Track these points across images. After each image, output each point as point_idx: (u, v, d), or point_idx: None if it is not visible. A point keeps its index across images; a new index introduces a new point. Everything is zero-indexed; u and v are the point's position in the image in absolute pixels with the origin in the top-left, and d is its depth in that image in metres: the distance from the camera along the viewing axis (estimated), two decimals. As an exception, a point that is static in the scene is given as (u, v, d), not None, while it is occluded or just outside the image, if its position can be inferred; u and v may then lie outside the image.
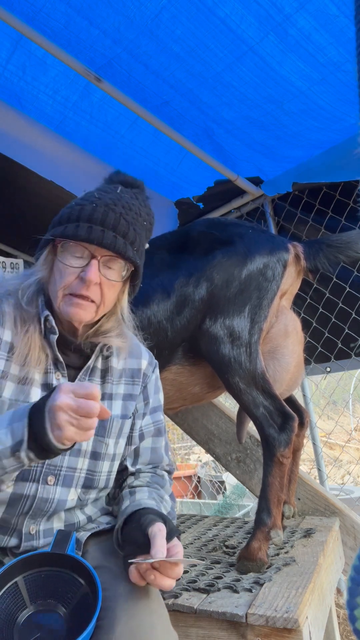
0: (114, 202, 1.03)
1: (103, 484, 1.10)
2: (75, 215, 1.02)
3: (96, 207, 1.01)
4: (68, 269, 1.01)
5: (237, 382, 1.50)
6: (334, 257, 1.62)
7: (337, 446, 5.42)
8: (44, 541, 1.02)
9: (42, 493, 1.00)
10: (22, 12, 1.66)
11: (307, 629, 1.09)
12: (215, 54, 1.66)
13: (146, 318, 1.56)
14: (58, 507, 1.02)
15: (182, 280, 1.59)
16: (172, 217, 2.76)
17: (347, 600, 0.45)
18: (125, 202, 1.05)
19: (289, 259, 1.62)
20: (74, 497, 1.05)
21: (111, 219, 1.00)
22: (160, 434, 1.21)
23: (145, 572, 0.86)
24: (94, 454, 1.08)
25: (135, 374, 1.18)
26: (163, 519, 0.93)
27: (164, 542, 0.86)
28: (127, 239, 1.02)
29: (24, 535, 1.00)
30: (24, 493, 0.99)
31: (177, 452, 6.09)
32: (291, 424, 1.44)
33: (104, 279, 1.02)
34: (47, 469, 1.01)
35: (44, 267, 1.06)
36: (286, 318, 1.63)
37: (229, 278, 1.57)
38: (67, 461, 1.04)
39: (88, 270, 0.99)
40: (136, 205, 1.06)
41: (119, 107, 2.06)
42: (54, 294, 1.03)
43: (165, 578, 0.85)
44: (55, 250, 1.05)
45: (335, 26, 1.50)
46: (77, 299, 1.00)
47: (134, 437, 1.17)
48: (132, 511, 0.98)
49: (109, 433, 1.09)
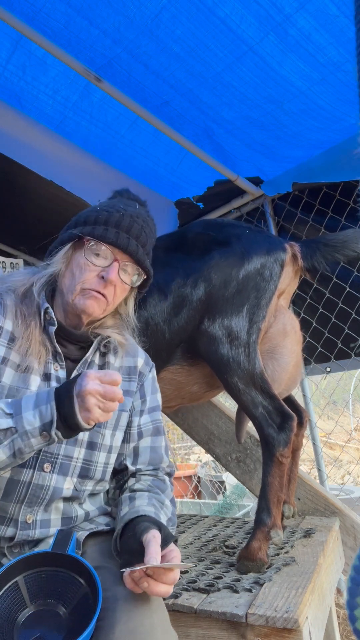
0: (137, 215, 1.13)
1: (99, 475, 1.11)
2: (102, 219, 1.10)
3: (123, 216, 1.11)
4: (90, 266, 1.08)
5: (236, 382, 1.50)
6: (331, 257, 1.63)
7: (337, 446, 5.42)
8: (40, 532, 1.02)
9: (37, 480, 1.02)
10: (22, 12, 1.66)
11: (307, 629, 1.09)
12: (215, 54, 1.66)
13: (144, 319, 1.56)
14: (54, 494, 1.04)
15: (179, 282, 1.60)
16: (172, 217, 2.76)
17: (347, 600, 0.45)
18: (144, 217, 1.15)
19: (286, 259, 1.62)
20: (69, 485, 1.06)
21: (136, 229, 1.11)
22: (159, 433, 1.22)
23: (139, 580, 0.86)
24: (90, 444, 1.10)
25: (132, 371, 1.22)
26: (158, 526, 0.93)
27: (157, 548, 0.86)
28: (145, 249, 1.14)
29: (20, 524, 1.01)
30: (20, 479, 1.01)
31: (177, 452, 6.09)
32: (290, 423, 1.44)
33: (119, 282, 1.10)
34: (44, 456, 1.03)
35: (62, 261, 1.12)
36: (284, 318, 1.63)
37: (226, 278, 1.57)
38: (64, 450, 1.06)
39: (110, 271, 1.08)
40: (150, 222, 1.17)
41: (119, 107, 2.06)
42: (71, 288, 1.09)
43: (159, 584, 0.85)
44: (77, 247, 1.12)
45: (335, 26, 1.50)
46: (94, 292, 1.08)
47: (132, 435, 1.19)
48: (130, 519, 0.98)
49: (105, 424, 1.12)
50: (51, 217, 2.63)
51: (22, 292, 1.12)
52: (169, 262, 1.64)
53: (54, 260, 1.13)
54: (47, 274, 1.12)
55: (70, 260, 1.12)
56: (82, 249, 1.10)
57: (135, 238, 1.10)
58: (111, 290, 1.09)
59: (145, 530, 0.91)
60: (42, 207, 2.63)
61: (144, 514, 0.99)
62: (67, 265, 1.12)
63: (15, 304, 1.10)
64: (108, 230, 1.09)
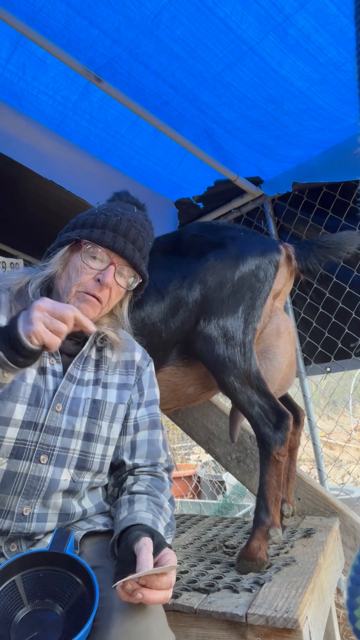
0: (134, 219, 1.15)
1: (97, 467, 1.12)
2: (100, 223, 1.11)
3: (121, 220, 1.12)
4: (86, 269, 1.09)
5: (232, 381, 1.50)
6: (325, 258, 1.64)
7: (337, 446, 5.42)
8: (36, 525, 1.02)
9: (34, 471, 1.02)
10: (22, 12, 1.66)
11: (307, 629, 1.08)
12: (215, 54, 1.66)
13: (140, 320, 1.57)
14: (51, 486, 1.04)
15: (175, 283, 1.61)
16: (172, 217, 2.75)
17: (347, 600, 0.45)
18: (142, 221, 1.17)
19: (281, 260, 1.63)
20: (67, 477, 1.06)
21: (133, 234, 1.12)
22: (156, 427, 1.23)
23: (133, 592, 0.83)
24: (87, 435, 1.10)
25: (129, 365, 1.23)
26: (151, 533, 0.92)
27: (148, 556, 0.85)
28: (142, 253, 1.15)
29: (16, 516, 1.01)
30: (17, 471, 1.01)
31: (177, 452, 6.09)
32: (286, 422, 1.45)
33: (115, 285, 1.11)
34: (40, 447, 1.04)
35: (59, 263, 1.13)
36: (279, 318, 1.64)
37: (222, 280, 1.58)
38: (61, 441, 1.06)
39: (106, 274, 1.08)
40: (147, 227, 1.18)
41: (119, 107, 2.06)
42: (66, 290, 1.10)
43: (154, 592, 0.83)
44: (75, 250, 1.13)
45: (335, 26, 1.50)
46: (89, 297, 1.09)
47: (129, 427, 1.19)
48: (127, 526, 0.98)
49: (102, 415, 1.13)
50: (51, 217, 2.63)
51: (17, 290, 1.13)
52: (166, 264, 1.66)
53: (51, 262, 1.14)
54: (43, 275, 1.13)
55: (68, 262, 1.13)
56: (79, 252, 1.11)
57: (132, 242, 1.11)
58: (106, 293, 1.10)
59: (137, 539, 0.89)
60: (42, 207, 2.63)
61: (140, 522, 0.98)
62: (64, 267, 1.13)
63: (10, 300, 1.11)
64: (105, 233, 1.10)
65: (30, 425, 1.03)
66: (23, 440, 1.02)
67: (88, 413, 1.11)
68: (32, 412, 1.04)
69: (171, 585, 0.85)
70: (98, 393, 1.15)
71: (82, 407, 1.10)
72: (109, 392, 1.17)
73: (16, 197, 2.61)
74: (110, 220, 1.11)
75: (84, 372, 1.14)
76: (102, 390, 1.16)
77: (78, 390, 1.11)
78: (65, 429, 1.07)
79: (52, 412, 1.05)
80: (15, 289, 1.13)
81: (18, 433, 1.02)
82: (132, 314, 1.29)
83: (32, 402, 1.04)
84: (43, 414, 1.05)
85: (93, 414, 1.12)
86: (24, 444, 1.02)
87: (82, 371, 1.14)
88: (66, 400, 1.08)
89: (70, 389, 1.10)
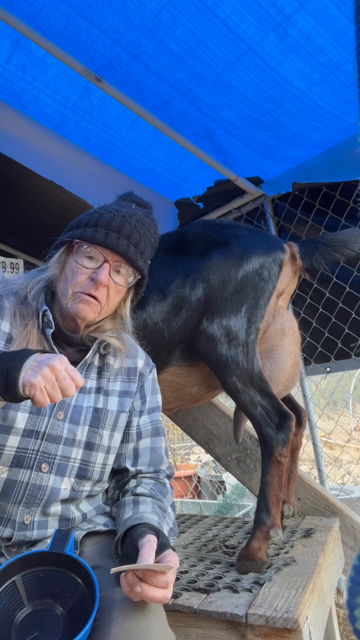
0: (129, 215, 1.13)
1: (97, 475, 1.11)
2: (93, 221, 1.10)
3: (114, 217, 1.10)
4: (81, 269, 1.08)
5: (235, 381, 1.49)
6: (330, 256, 1.63)
7: (337, 446, 5.41)
8: (37, 532, 1.02)
9: (35, 480, 1.02)
10: (22, 12, 1.66)
11: (307, 629, 1.08)
12: (215, 54, 1.66)
13: (142, 320, 1.56)
14: (52, 495, 1.03)
15: (178, 282, 1.59)
16: (172, 217, 2.75)
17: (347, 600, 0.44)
18: (139, 217, 1.15)
19: (285, 259, 1.62)
20: (67, 486, 1.06)
21: (126, 229, 1.10)
22: (158, 434, 1.22)
23: (133, 584, 0.83)
24: (88, 444, 1.10)
25: (132, 372, 1.21)
26: (156, 532, 0.93)
27: (150, 552, 0.85)
28: (138, 249, 1.12)
29: (17, 525, 1.01)
30: (18, 480, 1.01)
31: (177, 452, 6.09)
32: (288, 423, 1.44)
33: (112, 283, 1.09)
34: (41, 456, 1.03)
35: (56, 266, 1.13)
36: (283, 318, 1.63)
37: (225, 279, 1.57)
38: (62, 450, 1.06)
39: (100, 272, 1.06)
40: (147, 222, 1.16)
41: (119, 107, 2.06)
42: (64, 292, 1.09)
43: (152, 588, 0.82)
44: (70, 251, 1.12)
45: (335, 26, 1.50)
46: (86, 297, 1.07)
47: (131, 435, 1.18)
48: (132, 525, 0.97)
49: (103, 424, 1.12)
50: (51, 217, 2.63)
51: (23, 295, 1.13)
52: (168, 263, 1.64)
53: (49, 265, 1.14)
54: (43, 279, 1.13)
55: (64, 264, 1.13)
56: (73, 252, 1.11)
57: (126, 237, 1.09)
58: (103, 292, 1.08)
59: (142, 535, 0.90)
60: (42, 207, 2.63)
61: (147, 521, 0.98)
62: (61, 269, 1.13)
63: (15, 305, 1.11)
64: (97, 231, 1.08)
65: (32, 434, 1.03)
66: (24, 448, 1.02)
67: (90, 422, 1.10)
68: (33, 420, 1.03)
69: (168, 585, 0.85)
70: (100, 401, 1.13)
71: (84, 415, 1.10)
72: (110, 400, 1.15)
73: (16, 197, 2.61)
74: (103, 218, 1.10)
75: (86, 380, 1.13)
76: (104, 398, 1.14)
77: (80, 398, 1.11)
78: (67, 437, 1.06)
79: (53, 420, 1.05)
80: (22, 294, 1.13)
81: (19, 442, 1.02)
82: (134, 314, 1.28)
83: (34, 410, 1.04)
84: (45, 422, 1.04)
85: (94, 423, 1.11)
86: (25, 453, 1.02)
87: (85, 379, 1.13)
88: (68, 408, 1.08)
89: (72, 397, 1.09)
